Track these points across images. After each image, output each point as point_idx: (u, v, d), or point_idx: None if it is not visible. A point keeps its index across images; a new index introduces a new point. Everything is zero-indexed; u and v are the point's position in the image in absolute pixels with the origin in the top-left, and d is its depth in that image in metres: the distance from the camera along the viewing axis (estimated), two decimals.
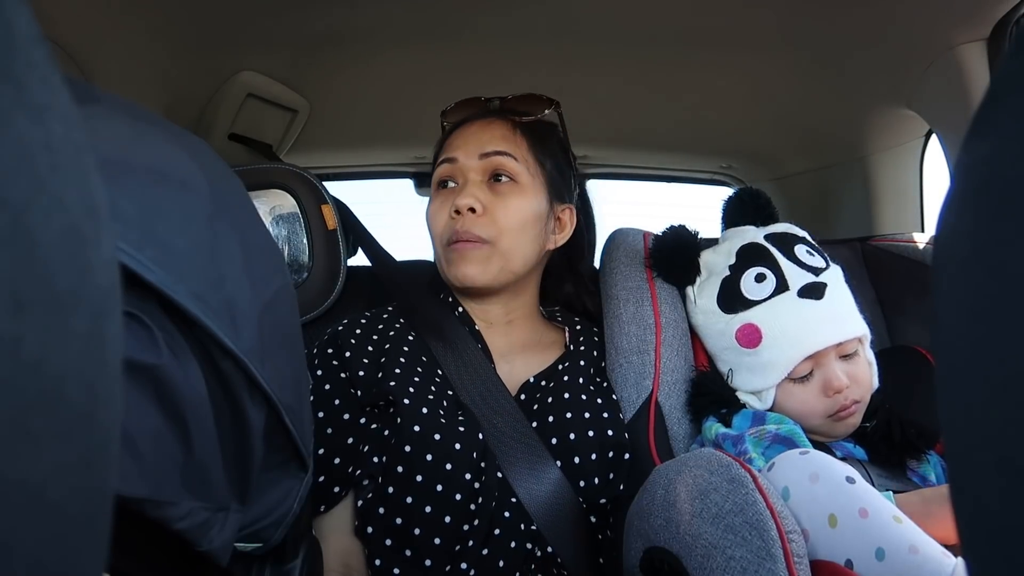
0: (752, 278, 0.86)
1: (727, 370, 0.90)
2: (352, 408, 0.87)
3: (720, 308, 0.89)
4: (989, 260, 0.19)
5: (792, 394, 0.84)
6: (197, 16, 1.09)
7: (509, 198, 0.93)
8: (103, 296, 0.18)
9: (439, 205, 0.96)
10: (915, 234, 1.14)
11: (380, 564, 0.80)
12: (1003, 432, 0.19)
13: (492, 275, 0.93)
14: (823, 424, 0.84)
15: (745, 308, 0.85)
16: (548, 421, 0.87)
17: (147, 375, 0.33)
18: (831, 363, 0.83)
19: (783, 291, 0.84)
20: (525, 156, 0.96)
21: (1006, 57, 0.21)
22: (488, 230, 0.92)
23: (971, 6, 1.00)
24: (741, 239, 0.92)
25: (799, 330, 0.82)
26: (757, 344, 0.84)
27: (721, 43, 1.22)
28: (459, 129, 0.99)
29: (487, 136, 0.96)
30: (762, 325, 0.84)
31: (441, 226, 0.95)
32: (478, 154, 0.94)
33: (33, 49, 0.16)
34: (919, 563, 0.59)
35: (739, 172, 1.86)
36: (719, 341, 0.90)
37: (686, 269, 0.94)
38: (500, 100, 1.01)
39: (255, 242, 0.40)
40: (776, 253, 0.87)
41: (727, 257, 0.90)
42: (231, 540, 0.39)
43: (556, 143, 1.02)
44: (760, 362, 0.84)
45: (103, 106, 0.36)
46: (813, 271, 0.86)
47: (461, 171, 0.95)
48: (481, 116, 0.99)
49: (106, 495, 0.19)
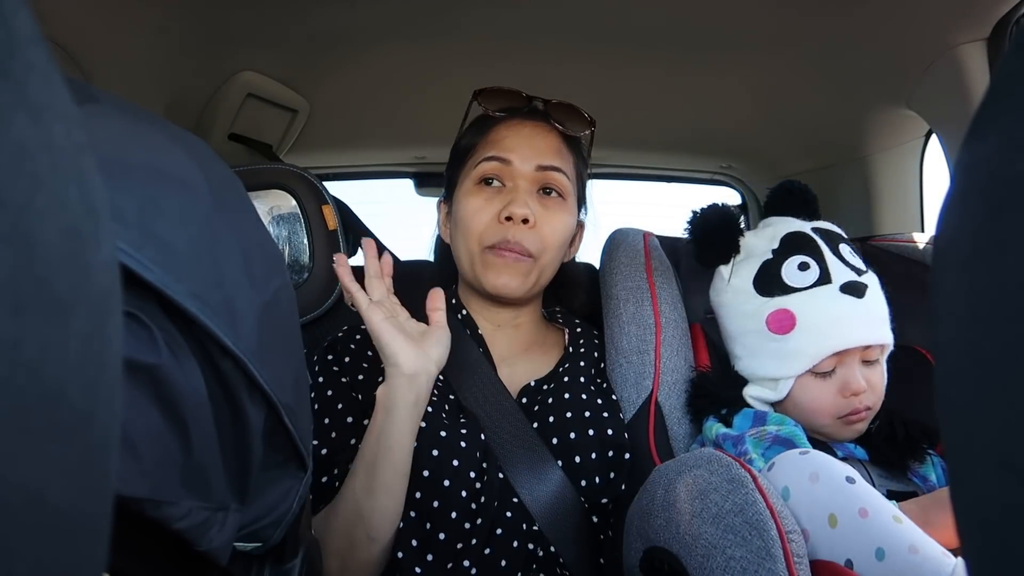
0: (795, 266, 0.85)
1: (740, 354, 0.89)
2: (355, 412, 0.88)
3: (755, 290, 0.87)
4: (989, 260, 0.19)
5: (809, 388, 0.83)
6: (197, 16, 1.09)
7: (556, 214, 0.93)
8: (103, 296, 0.18)
9: (483, 203, 0.92)
10: (915, 234, 1.14)
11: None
12: (1003, 432, 0.19)
13: (527, 288, 0.93)
14: (831, 425, 0.83)
15: (783, 294, 0.84)
16: (549, 422, 0.87)
17: (147, 375, 0.33)
18: (855, 365, 0.82)
19: (825, 283, 0.83)
20: (571, 172, 0.95)
21: (1006, 57, 0.21)
22: (536, 244, 0.91)
23: (971, 6, 1.00)
24: (787, 227, 0.90)
25: (835, 324, 0.82)
26: (788, 331, 0.83)
27: (721, 43, 1.22)
28: (508, 125, 0.96)
29: (544, 145, 0.94)
30: (798, 313, 0.83)
31: (482, 226, 0.91)
32: (536, 164, 0.92)
33: (33, 49, 0.16)
34: (919, 563, 0.59)
35: (739, 172, 1.86)
36: (745, 323, 0.88)
37: (726, 247, 0.92)
38: (544, 102, 0.98)
39: (255, 242, 0.40)
40: (823, 246, 0.86)
41: (770, 242, 0.89)
42: (231, 540, 0.39)
43: (585, 159, 1.02)
44: (787, 349, 0.83)
45: (103, 106, 0.36)
46: (856, 271, 0.85)
47: (512, 175, 0.92)
48: (528, 117, 0.97)
49: (106, 495, 0.19)
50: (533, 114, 0.97)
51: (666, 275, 1.02)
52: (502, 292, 0.92)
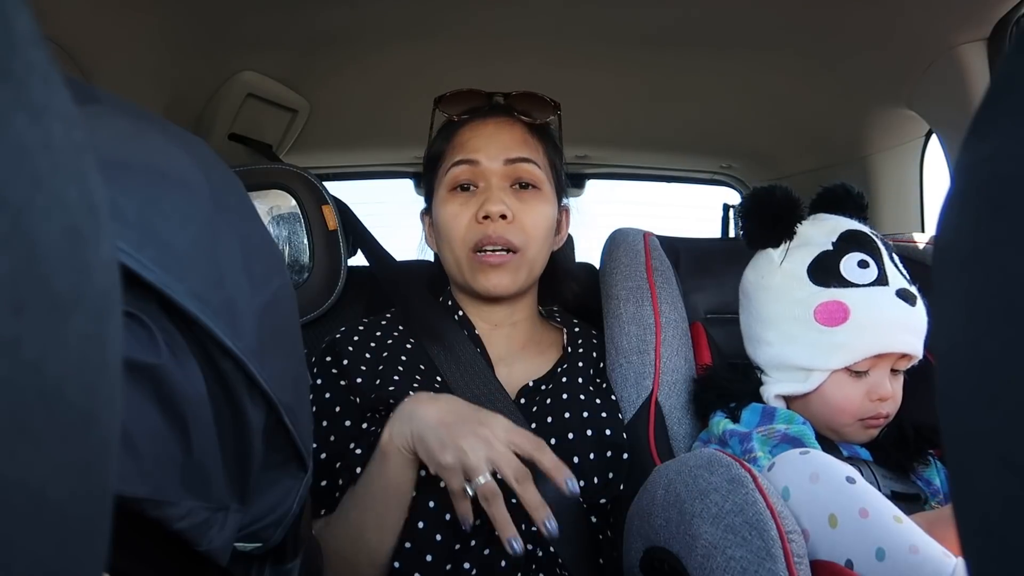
0: (855, 262, 0.84)
1: (772, 340, 0.88)
2: (353, 415, 0.88)
3: (809, 278, 0.86)
4: (989, 260, 0.19)
5: (842, 385, 0.83)
6: (197, 16, 1.09)
7: (534, 205, 0.92)
8: (103, 296, 0.18)
9: (459, 208, 0.92)
10: (915, 234, 1.14)
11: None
12: (1003, 432, 0.19)
13: (520, 284, 0.93)
14: (851, 425, 0.83)
15: (840, 286, 0.84)
16: (547, 423, 0.87)
17: (147, 375, 0.33)
18: (886, 370, 0.83)
19: (883, 284, 0.83)
20: (543, 161, 0.95)
21: (1006, 57, 0.21)
22: (518, 237, 0.91)
23: (971, 6, 1.00)
24: (847, 224, 0.90)
25: (886, 326, 0.82)
26: (838, 324, 0.82)
27: (722, 43, 1.22)
28: (471, 127, 0.95)
29: (508, 139, 0.93)
30: (853, 308, 0.82)
31: (463, 230, 0.92)
32: (503, 159, 0.92)
33: (33, 49, 0.16)
34: (919, 563, 0.59)
35: (739, 172, 1.86)
36: (791, 309, 0.87)
37: (786, 230, 0.90)
38: (504, 96, 0.98)
39: (255, 242, 0.40)
40: (882, 248, 0.87)
41: (829, 235, 0.88)
42: (231, 540, 0.39)
43: (557, 144, 1.01)
44: (832, 342, 0.83)
45: (103, 106, 0.36)
46: (908, 279, 0.86)
47: (483, 175, 0.92)
48: (491, 114, 0.97)
49: (106, 495, 0.19)
50: (496, 110, 0.97)
51: (666, 275, 1.02)
52: (495, 292, 0.92)
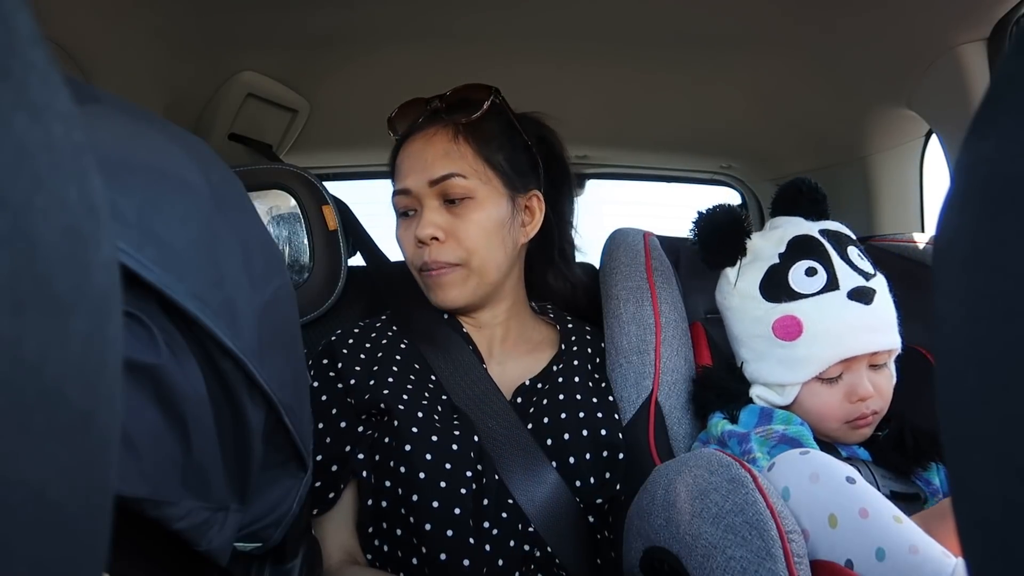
0: (802, 271, 0.84)
1: (746, 358, 0.89)
2: (349, 417, 0.88)
3: (762, 295, 0.86)
4: (989, 260, 0.19)
5: (817, 394, 0.83)
6: (197, 16, 1.09)
7: (468, 216, 0.91)
8: (103, 296, 0.18)
9: (403, 232, 0.95)
10: (915, 234, 1.14)
11: (387, 550, 0.82)
12: (1003, 432, 0.19)
13: (471, 293, 0.93)
14: (838, 429, 0.83)
15: (790, 300, 0.83)
16: (543, 423, 0.87)
17: (147, 375, 0.33)
18: (861, 370, 0.82)
19: (832, 289, 0.82)
20: (473, 166, 0.91)
21: (1006, 57, 0.21)
22: (456, 253, 0.91)
23: (971, 6, 1.00)
24: (795, 229, 0.89)
25: (842, 332, 0.81)
26: (795, 338, 0.82)
27: (721, 43, 1.22)
28: (404, 147, 0.95)
29: (430, 155, 0.91)
30: (805, 320, 0.82)
31: (410, 254, 0.95)
32: (426, 181, 0.91)
33: (33, 49, 0.16)
34: (919, 563, 0.59)
35: (739, 172, 1.86)
36: (752, 327, 0.87)
37: (733, 249, 0.90)
38: (439, 99, 0.96)
39: (255, 242, 0.40)
40: (831, 250, 0.85)
41: (777, 245, 0.88)
42: (231, 540, 0.39)
43: (504, 132, 0.96)
44: (794, 356, 0.83)
45: (103, 106, 0.36)
46: (864, 275, 0.84)
47: (417, 199, 0.92)
48: (425, 125, 0.95)
49: (106, 495, 0.19)
50: (431, 119, 0.95)
51: (666, 275, 1.02)
52: (450, 306, 0.94)
